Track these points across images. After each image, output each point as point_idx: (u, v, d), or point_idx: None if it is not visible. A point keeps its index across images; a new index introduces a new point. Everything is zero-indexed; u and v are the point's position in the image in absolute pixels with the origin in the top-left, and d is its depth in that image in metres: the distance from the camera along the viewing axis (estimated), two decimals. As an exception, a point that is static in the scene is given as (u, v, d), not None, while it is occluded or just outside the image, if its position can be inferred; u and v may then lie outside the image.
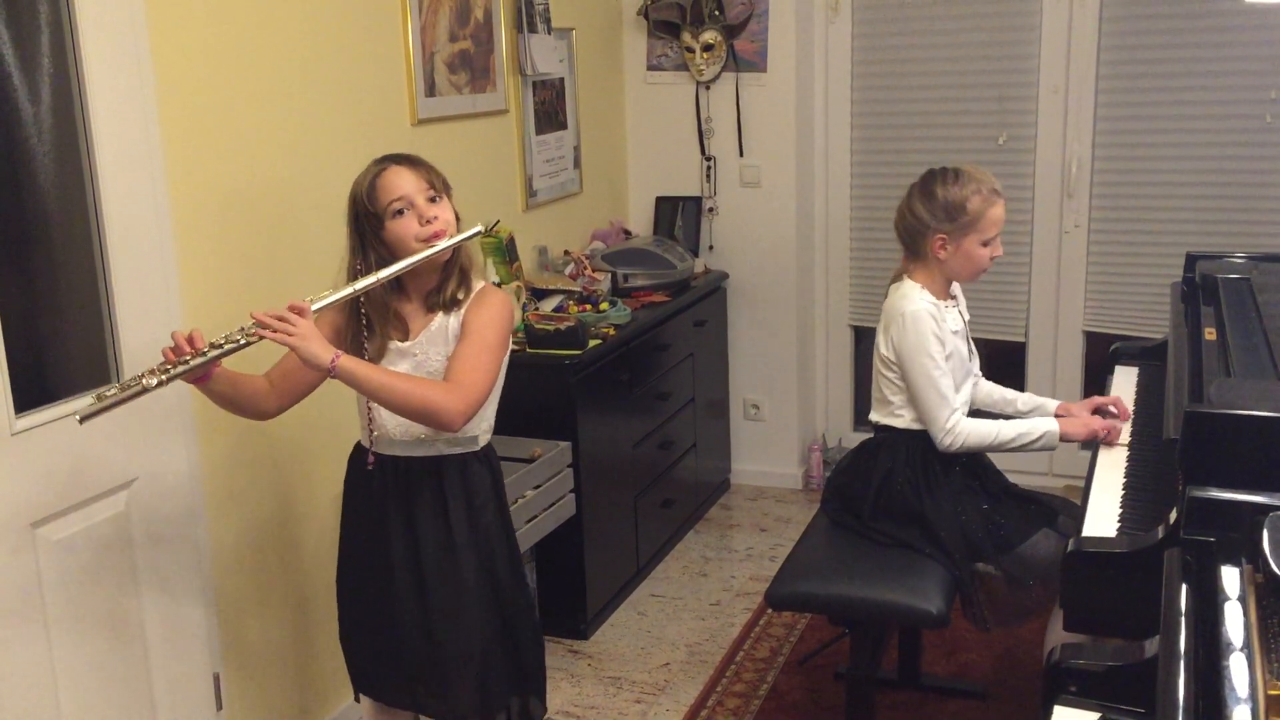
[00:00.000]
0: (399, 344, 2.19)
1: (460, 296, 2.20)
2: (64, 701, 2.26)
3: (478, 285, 2.24)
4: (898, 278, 2.77)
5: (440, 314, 2.20)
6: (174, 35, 2.45)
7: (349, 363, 2.01)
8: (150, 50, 2.38)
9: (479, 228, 2.20)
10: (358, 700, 2.42)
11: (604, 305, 3.71)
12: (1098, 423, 2.68)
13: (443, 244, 2.13)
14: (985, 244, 2.65)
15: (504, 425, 3.36)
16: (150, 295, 2.43)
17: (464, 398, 2.09)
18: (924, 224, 2.66)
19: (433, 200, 2.16)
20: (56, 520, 2.24)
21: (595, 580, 3.54)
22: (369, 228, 2.15)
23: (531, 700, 2.35)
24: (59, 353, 2.36)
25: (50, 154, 2.26)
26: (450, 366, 2.14)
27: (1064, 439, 2.70)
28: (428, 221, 2.13)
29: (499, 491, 2.32)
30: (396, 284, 2.17)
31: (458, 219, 2.21)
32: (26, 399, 2.17)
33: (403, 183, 2.14)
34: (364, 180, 2.17)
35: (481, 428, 2.26)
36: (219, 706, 2.65)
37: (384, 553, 2.24)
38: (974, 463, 2.75)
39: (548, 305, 3.69)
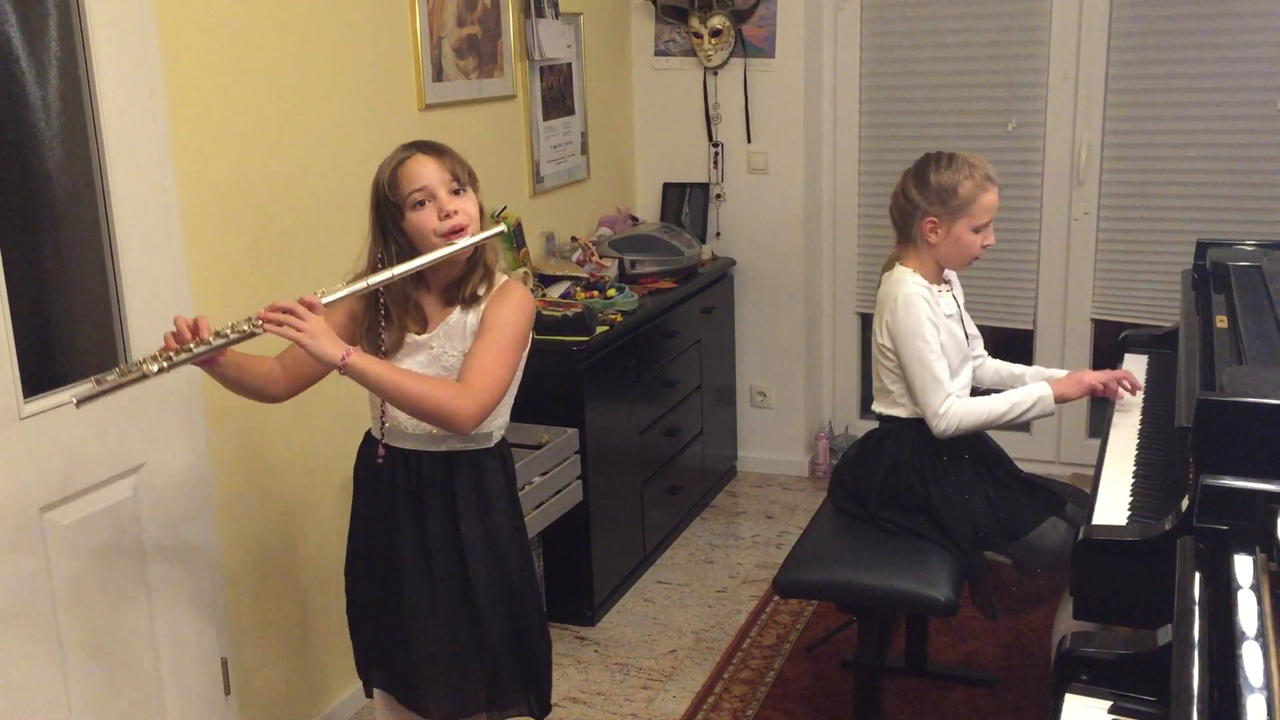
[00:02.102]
0: (416, 336, 2.14)
1: (481, 292, 2.14)
2: (72, 685, 2.27)
3: (500, 280, 2.18)
4: (890, 265, 2.76)
5: (459, 308, 2.14)
6: (181, 20, 2.44)
7: (360, 360, 1.96)
8: (158, 36, 2.38)
9: (502, 227, 2.15)
10: (368, 695, 2.39)
11: (611, 292, 3.70)
12: (1093, 376, 2.66)
13: (462, 243, 2.06)
14: (976, 230, 2.64)
15: (511, 411, 3.38)
16: (158, 279, 2.42)
17: (477, 401, 2.04)
18: (916, 206, 2.65)
19: (456, 193, 2.09)
20: (65, 505, 2.24)
21: (602, 567, 3.54)
22: (389, 217, 2.09)
23: (534, 700, 2.31)
24: (67, 337, 2.36)
25: (58, 138, 2.25)
26: (465, 366, 2.08)
27: (1059, 400, 2.68)
28: (448, 215, 2.06)
29: (511, 488, 2.27)
30: (417, 275, 2.09)
31: (482, 212, 2.15)
32: (35, 383, 2.17)
33: (425, 173, 2.07)
34: (387, 167, 2.10)
35: (495, 424, 2.20)
36: (227, 691, 2.66)
37: (393, 547, 2.20)
38: (982, 449, 2.73)
39: (555, 291, 3.68)
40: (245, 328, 1.91)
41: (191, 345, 1.91)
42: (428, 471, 2.17)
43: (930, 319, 2.62)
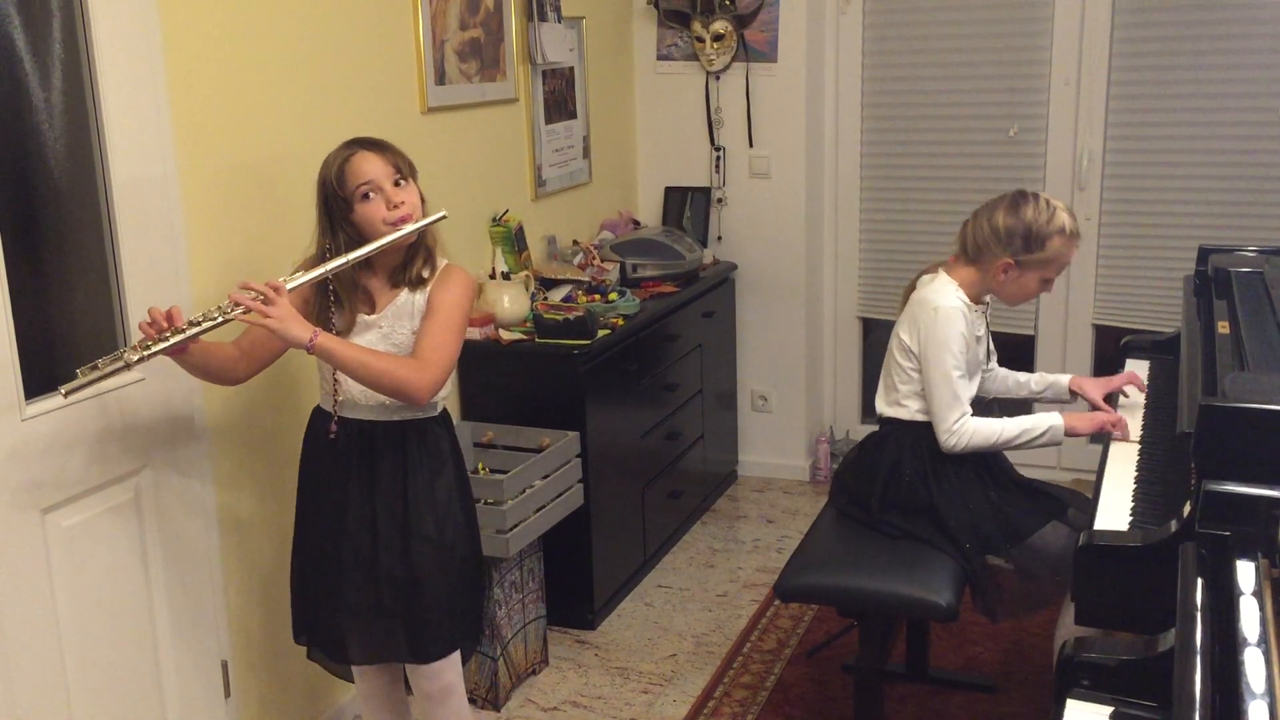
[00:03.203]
0: (365, 317, 2.30)
1: (425, 275, 2.31)
2: (73, 687, 2.27)
3: (441, 263, 2.35)
4: (933, 269, 2.74)
5: (405, 290, 2.30)
6: (184, 23, 2.44)
7: (326, 341, 2.13)
8: (161, 36, 2.38)
9: (443, 213, 2.29)
10: (298, 642, 2.52)
11: (612, 295, 3.70)
12: (1104, 416, 2.65)
13: (409, 228, 2.23)
14: (1045, 281, 2.65)
15: (512, 415, 3.40)
16: (160, 281, 2.42)
17: (432, 375, 2.22)
18: (998, 241, 2.60)
19: (398, 184, 2.25)
20: (66, 506, 2.24)
21: (602, 570, 3.54)
22: (338, 210, 2.25)
23: (466, 645, 2.48)
24: (69, 339, 2.36)
25: (61, 138, 2.25)
26: (418, 344, 2.26)
27: (1069, 434, 2.66)
28: (395, 206, 2.23)
29: (456, 451, 2.43)
30: (365, 260, 2.25)
31: (423, 200, 2.30)
32: (37, 384, 2.17)
33: (370, 167, 2.23)
34: (333, 164, 2.25)
35: (441, 395, 2.34)
36: (227, 694, 2.66)
37: (342, 510, 2.33)
38: (983, 453, 2.73)
39: (556, 295, 3.68)
40: (217, 315, 2.08)
41: (168, 333, 2.05)
42: (380, 438, 2.33)
43: (964, 335, 2.61)
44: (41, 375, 2.18)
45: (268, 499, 2.76)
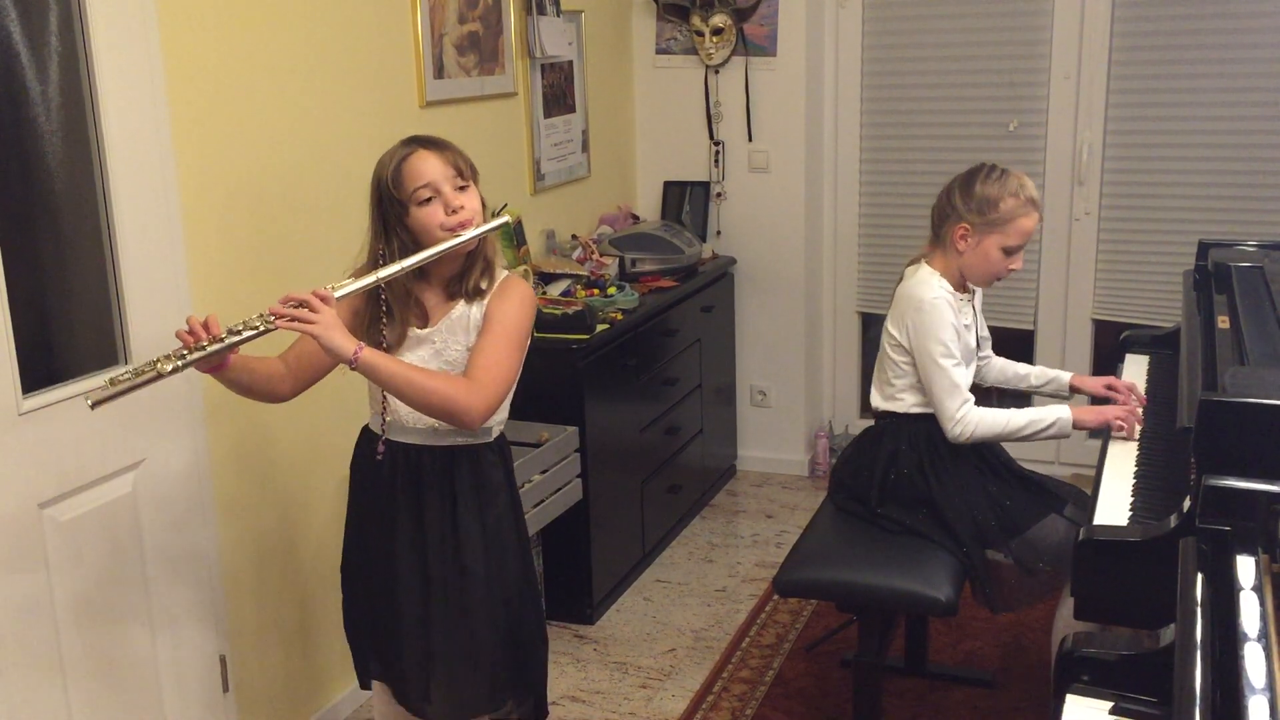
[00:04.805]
0: (418, 331, 2.14)
1: (484, 286, 2.14)
2: (70, 683, 2.26)
3: (500, 275, 2.18)
4: (915, 262, 2.74)
5: (462, 302, 2.13)
6: (183, 17, 2.43)
7: (371, 356, 1.95)
8: (159, 32, 2.37)
9: (506, 219, 2.14)
10: (365, 687, 2.39)
11: (611, 290, 3.70)
12: (1113, 411, 2.62)
13: (469, 234, 2.06)
14: (1007, 252, 2.62)
15: (511, 409, 3.38)
16: (158, 276, 2.42)
17: (485, 396, 2.04)
18: (954, 210, 2.63)
19: (461, 189, 2.09)
20: (63, 501, 2.23)
21: (601, 565, 3.54)
22: (393, 213, 2.08)
23: (530, 701, 2.29)
24: (67, 333, 2.36)
25: (59, 135, 2.25)
26: (472, 361, 2.08)
27: (1077, 426, 2.64)
28: (454, 211, 2.07)
29: (510, 483, 2.27)
30: (418, 270, 2.08)
31: (484, 206, 2.15)
32: (34, 379, 2.16)
33: (430, 169, 2.06)
34: (390, 163, 2.08)
35: (496, 420, 2.20)
36: (225, 688, 2.65)
37: (390, 542, 2.19)
38: (982, 445, 2.72)
39: (555, 289, 3.68)
40: (258, 324, 1.90)
41: (205, 342, 1.89)
42: (428, 466, 2.16)
43: (953, 324, 2.61)
44: (39, 370, 2.18)
45: (269, 492, 2.76)
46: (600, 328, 3.45)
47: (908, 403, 2.70)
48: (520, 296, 2.16)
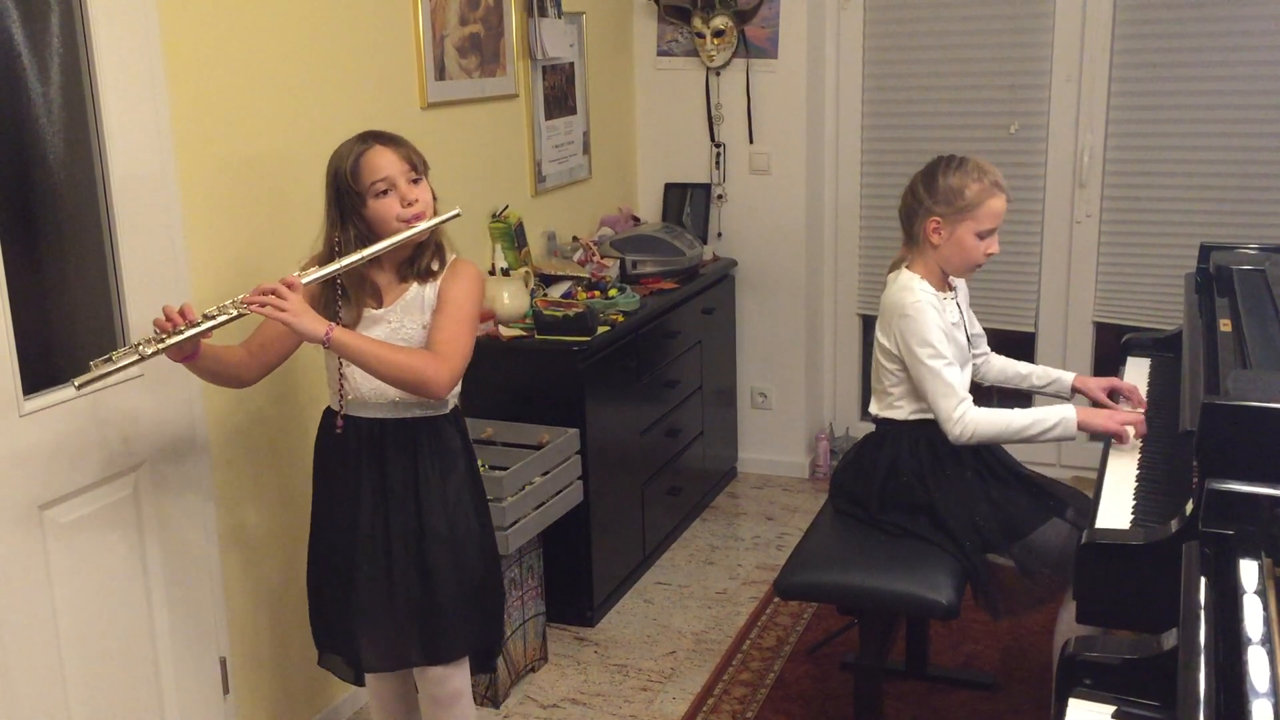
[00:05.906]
0: (373, 311, 2.26)
1: (435, 268, 2.28)
2: (71, 684, 2.26)
3: (450, 257, 2.32)
4: (895, 267, 2.74)
5: (415, 283, 2.27)
6: (183, 18, 2.43)
7: (342, 335, 2.11)
8: (160, 33, 2.37)
9: (457, 211, 2.26)
10: (321, 664, 2.49)
11: (612, 292, 3.70)
12: (1123, 416, 2.56)
13: (423, 225, 2.21)
14: (981, 236, 2.61)
15: (512, 411, 3.39)
16: (159, 277, 2.42)
17: (450, 368, 2.20)
18: (921, 205, 2.62)
19: (414, 181, 2.23)
20: (64, 503, 2.23)
21: (602, 567, 3.54)
22: (350, 204, 2.22)
23: (481, 653, 2.44)
24: (68, 334, 2.35)
25: (60, 136, 2.24)
26: (432, 337, 2.23)
27: (1082, 428, 2.58)
28: (410, 204, 2.21)
29: (469, 450, 2.39)
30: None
31: (434, 197, 2.28)
32: (35, 380, 2.16)
33: (386, 163, 2.20)
34: (346, 157, 2.22)
35: (453, 391, 2.32)
36: (226, 691, 2.65)
37: (354, 512, 2.30)
38: (982, 449, 2.70)
39: (556, 291, 3.67)
40: (231, 309, 2.05)
41: (182, 328, 2.03)
42: (390, 437, 2.29)
43: (939, 326, 2.60)
44: (40, 371, 2.18)
45: (268, 494, 2.76)
46: (601, 330, 3.45)
47: (906, 410, 2.70)
48: (470, 276, 2.30)
